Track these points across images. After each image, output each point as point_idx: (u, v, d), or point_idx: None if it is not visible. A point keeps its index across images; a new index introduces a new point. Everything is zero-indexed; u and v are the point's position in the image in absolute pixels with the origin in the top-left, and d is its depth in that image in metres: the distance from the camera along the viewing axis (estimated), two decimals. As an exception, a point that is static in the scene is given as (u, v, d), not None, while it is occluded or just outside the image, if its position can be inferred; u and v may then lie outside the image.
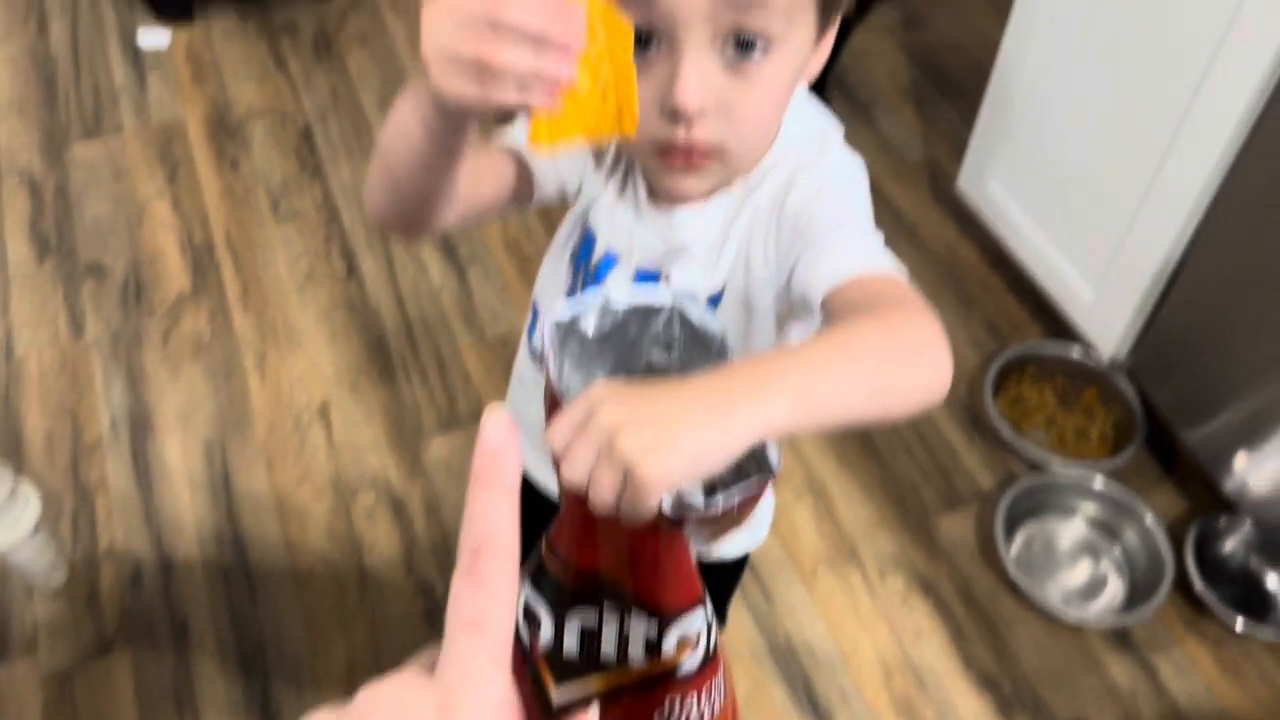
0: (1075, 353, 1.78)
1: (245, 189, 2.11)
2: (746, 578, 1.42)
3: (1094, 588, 1.61)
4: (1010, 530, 1.63)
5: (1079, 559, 1.64)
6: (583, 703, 0.57)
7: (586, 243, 0.83)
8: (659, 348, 0.64)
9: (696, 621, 0.58)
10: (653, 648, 0.56)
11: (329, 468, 1.71)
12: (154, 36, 2.40)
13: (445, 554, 1.62)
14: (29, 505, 1.48)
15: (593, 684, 0.57)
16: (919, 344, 0.59)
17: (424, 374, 1.83)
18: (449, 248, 2.00)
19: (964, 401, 1.81)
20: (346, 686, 1.50)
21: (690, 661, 0.58)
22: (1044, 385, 1.80)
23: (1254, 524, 1.58)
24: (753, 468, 0.54)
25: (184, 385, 1.81)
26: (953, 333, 0.73)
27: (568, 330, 0.60)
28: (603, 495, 0.48)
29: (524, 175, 0.78)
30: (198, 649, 1.53)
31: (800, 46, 0.68)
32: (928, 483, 1.72)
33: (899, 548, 1.64)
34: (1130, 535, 1.62)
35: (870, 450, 1.75)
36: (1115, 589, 1.60)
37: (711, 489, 0.54)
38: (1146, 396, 1.70)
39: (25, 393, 1.80)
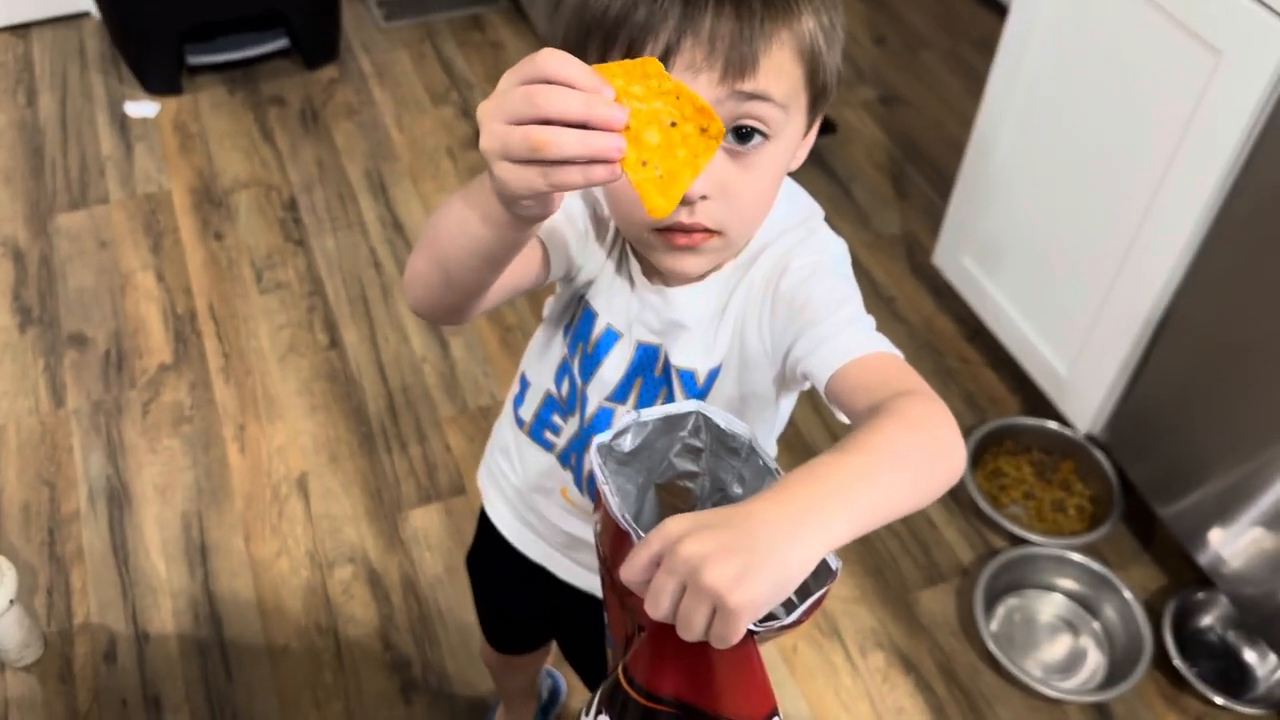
0: (1052, 427, 1.79)
1: (229, 260, 2.13)
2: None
3: (1074, 662, 1.61)
4: (990, 605, 1.63)
5: (1059, 633, 1.64)
6: None
7: (585, 320, 0.85)
8: (688, 457, 0.68)
9: None
10: None
11: (306, 540, 1.70)
12: (142, 108, 2.43)
13: (422, 630, 1.61)
14: (4, 582, 1.46)
15: None
16: (942, 438, 0.63)
17: (404, 445, 1.83)
18: (431, 319, 2.01)
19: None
20: (321, 766, 1.48)
21: None
22: (1021, 459, 1.82)
23: (1230, 599, 1.59)
24: (816, 577, 0.56)
25: (163, 456, 1.81)
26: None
27: (608, 452, 0.63)
28: (694, 627, 0.51)
29: (544, 257, 0.81)
30: (170, 727, 1.51)
31: (793, 136, 0.72)
32: (907, 556, 1.72)
33: (879, 623, 1.64)
34: (1109, 610, 1.62)
35: (850, 524, 1.75)
36: (1095, 663, 1.60)
37: (786, 602, 0.56)
38: (1123, 471, 1.72)
39: (3, 463, 1.79)
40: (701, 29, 0.65)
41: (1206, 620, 1.63)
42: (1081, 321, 1.67)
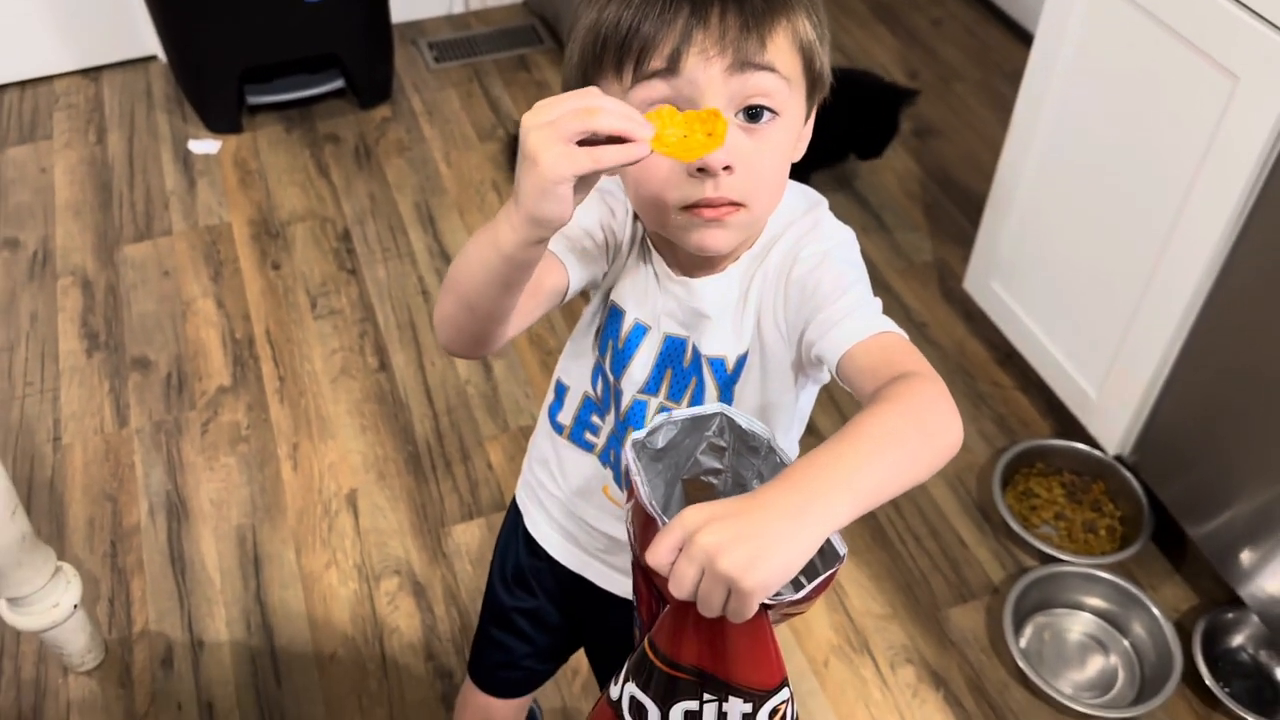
0: (1082, 448, 1.82)
1: (286, 288, 2.22)
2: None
3: (1104, 681, 1.62)
4: (1020, 623, 1.65)
5: (1088, 652, 1.66)
6: None
7: (613, 318, 0.91)
8: (712, 454, 0.75)
9: (783, 695, 0.66)
10: None
11: (355, 553, 1.77)
12: (204, 145, 2.55)
13: (464, 640, 1.66)
14: (70, 587, 1.54)
15: None
16: (938, 418, 0.68)
17: (448, 464, 1.90)
18: (476, 344, 2.09)
19: (974, 496, 1.85)
20: (365, 768, 1.54)
21: None
22: (1052, 480, 1.84)
23: (1261, 618, 1.60)
24: (824, 558, 0.63)
25: (220, 473, 1.89)
26: (964, 429, 0.79)
27: (641, 448, 0.70)
28: (712, 606, 0.58)
29: (562, 274, 0.87)
30: (223, 729, 1.57)
31: (796, 117, 0.79)
32: (938, 574, 1.75)
33: (909, 639, 1.67)
34: (1138, 629, 1.64)
35: (881, 541, 1.79)
36: (1125, 683, 1.62)
37: (795, 582, 0.61)
38: (1153, 492, 1.74)
39: (69, 480, 1.89)
40: (710, 24, 0.72)
41: (1237, 640, 1.64)
42: (1108, 344, 1.70)
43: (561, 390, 0.99)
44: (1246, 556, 1.58)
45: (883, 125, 2.16)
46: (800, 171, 0.82)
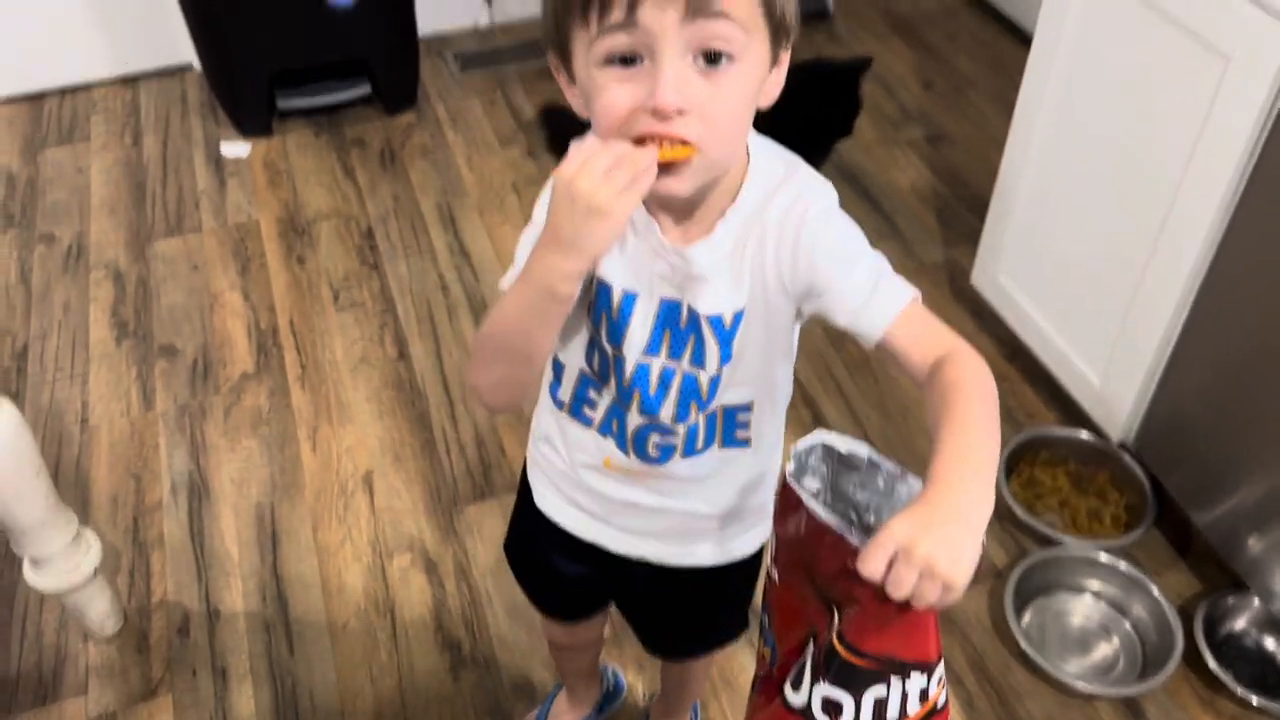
0: (1085, 436, 1.84)
1: (310, 282, 2.29)
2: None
3: (1106, 663, 1.63)
4: (1022, 606, 1.66)
5: (1090, 634, 1.66)
6: None
7: (602, 293, 0.93)
8: (858, 488, 0.83)
9: (942, 665, 0.76)
10: (925, 695, 0.75)
11: (369, 530, 1.81)
12: (236, 148, 2.64)
13: (473, 613, 1.70)
14: (90, 550, 1.59)
15: None
16: (991, 387, 0.81)
17: (462, 448, 1.94)
18: (492, 335, 2.14)
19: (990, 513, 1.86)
20: (372, 732, 1.57)
21: (944, 696, 0.77)
22: (1057, 469, 1.85)
23: (1265, 601, 1.60)
24: None
25: (241, 454, 1.94)
26: None
27: (795, 481, 0.79)
28: (928, 600, 0.68)
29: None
30: (235, 694, 1.61)
31: (757, 63, 0.80)
32: (942, 559, 1.76)
33: (912, 620, 1.68)
34: (1141, 612, 1.65)
35: (886, 527, 1.80)
36: (1127, 665, 1.62)
37: None
38: (1157, 479, 1.75)
39: (95, 458, 1.94)
40: None
41: (1240, 624, 1.64)
42: (1110, 331, 1.72)
43: (559, 368, 1.02)
44: (1251, 542, 1.59)
45: (847, 101, 2.15)
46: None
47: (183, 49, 2.84)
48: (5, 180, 2.57)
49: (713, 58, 0.77)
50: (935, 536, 0.68)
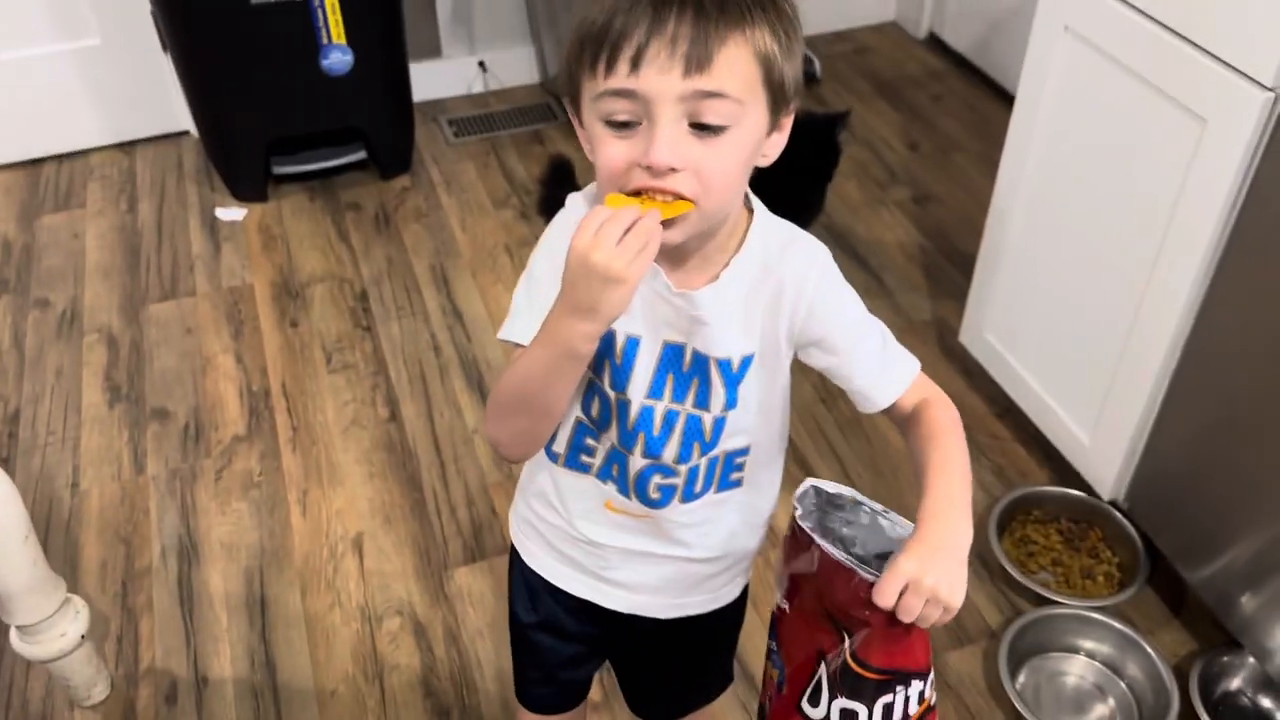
0: (1077, 494, 1.83)
1: (303, 343, 2.30)
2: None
3: (1102, 725, 1.62)
4: (1016, 667, 1.65)
5: (1086, 695, 1.65)
6: None
7: (604, 341, 0.92)
8: (843, 524, 0.94)
9: (933, 671, 0.89)
10: (923, 698, 0.88)
11: (358, 594, 1.80)
12: (231, 213, 2.66)
13: (462, 679, 1.68)
14: (78, 618, 1.58)
15: None
16: (959, 424, 0.95)
17: (453, 509, 1.94)
18: (484, 393, 2.15)
19: (972, 543, 1.85)
20: (360, 801, 1.54)
21: (934, 696, 0.90)
22: (1049, 527, 1.85)
23: (1259, 661, 1.59)
24: None
25: (231, 518, 1.94)
26: None
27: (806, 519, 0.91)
28: (931, 620, 0.81)
29: None
30: (222, 763, 1.59)
31: (753, 128, 0.83)
32: (935, 619, 1.75)
33: (907, 682, 1.67)
34: (1136, 672, 1.63)
35: (879, 587, 1.79)
36: (1124, 727, 1.61)
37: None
38: (1149, 537, 1.75)
39: (85, 522, 1.94)
40: (665, 32, 0.77)
41: (1235, 683, 1.63)
42: (1098, 390, 1.73)
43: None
44: (1244, 601, 1.58)
45: (827, 152, 2.23)
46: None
47: (180, 115, 2.88)
48: (2, 246, 2.59)
49: (706, 127, 0.80)
50: (937, 570, 0.80)
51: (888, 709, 0.87)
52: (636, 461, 0.97)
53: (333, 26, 2.49)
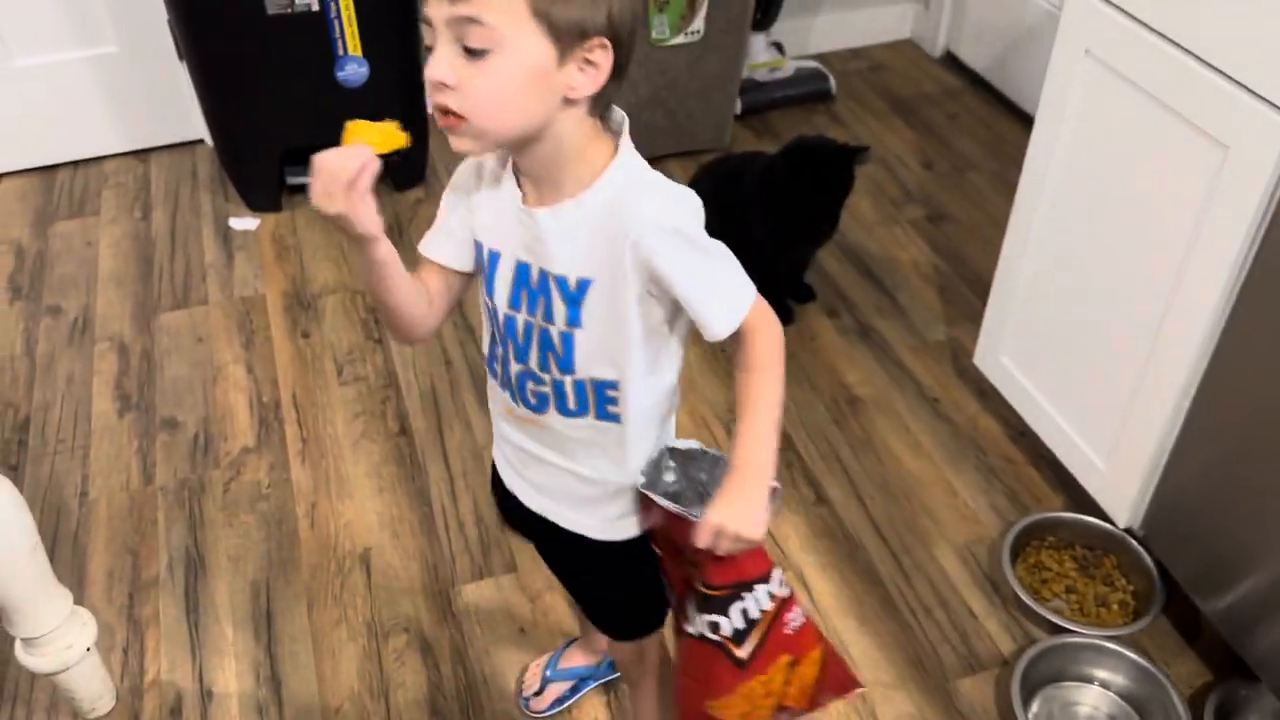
0: (1092, 521, 1.82)
1: (314, 355, 2.29)
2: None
3: (1116, 756, 1.60)
4: (1029, 696, 1.63)
5: (1099, 726, 1.63)
6: (757, 647, 1.10)
7: (478, 249, 1.08)
8: (669, 472, 1.14)
9: (779, 573, 1.10)
10: (771, 595, 1.09)
11: (365, 610, 1.79)
12: (244, 222, 2.66)
13: (469, 697, 1.67)
14: (84, 630, 1.57)
15: (755, 634, 1.10)
16: (781, 354, 1.05)
17: (461, 525, 1.92)
18: (494, 411, 2.14)
19: (984, 568, 1.84)
20: (364, 821, 1.53)
21: (786, 589, 1.11)
22: (1063, 554, 1.83)
23: (1277, 695, 1.57)
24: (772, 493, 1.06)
25: (239, 530, 1.93)
26: (975, 502, 1.26)
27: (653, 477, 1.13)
28: (740, 549, 1.02)
29: (436, 270, 1.11)
30: (226, 779, 1.58)
31: (525, 54, 0.89)
32: (946, 645, 1.74)
33: (916, 709, 1.65)
34: (1151, 704, 1.61)
35: (890, 611, 1.78)
36: (1138, 758, 1.59)
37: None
38: (1165, 566, 1.73)
39: (93, 532, 1.93)
40: None
41: (1251, 717, 1.60)
42: (1114, 415, 1.71)
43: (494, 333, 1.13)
44: (1260, 632, 1.56)
45: (842, 182, 2.23)
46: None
47: (195, 124, 2.88)
48: (15, 253, 2.59)
49: (472, 51, 0.89)
50: (738, 516, 0.99)
51: (744, 613, 1.08)
52: (513, 366, 1.08)
53: (349, 38, 2.49)
